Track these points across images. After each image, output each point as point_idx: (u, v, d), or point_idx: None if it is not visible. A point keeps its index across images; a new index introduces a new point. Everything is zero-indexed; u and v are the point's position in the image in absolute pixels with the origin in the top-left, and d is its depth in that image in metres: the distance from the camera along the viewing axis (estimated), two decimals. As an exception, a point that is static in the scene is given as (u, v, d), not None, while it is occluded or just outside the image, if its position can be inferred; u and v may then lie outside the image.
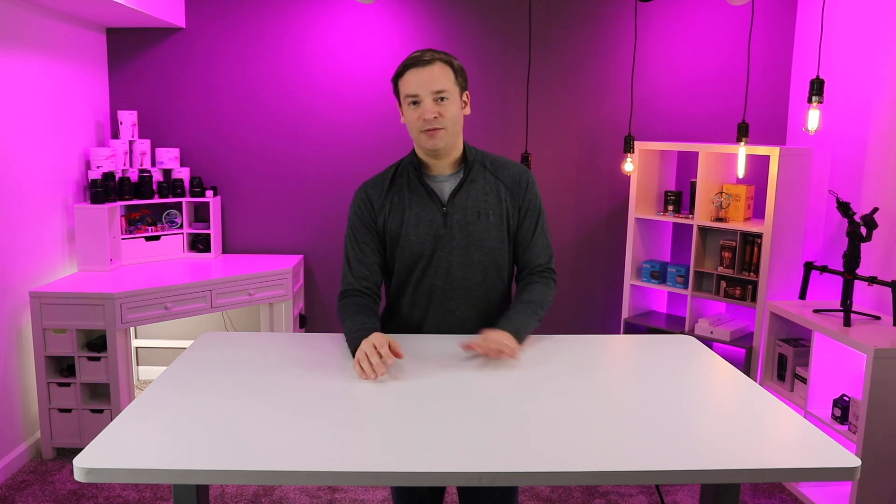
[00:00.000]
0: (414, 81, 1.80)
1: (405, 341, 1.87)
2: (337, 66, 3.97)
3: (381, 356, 1.64)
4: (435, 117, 1.79)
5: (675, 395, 1.56)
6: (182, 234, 3.95)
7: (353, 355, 1.75)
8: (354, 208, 1.95)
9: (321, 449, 1.27)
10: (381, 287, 1.97)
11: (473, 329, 1.90)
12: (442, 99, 1.80)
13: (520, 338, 1.78)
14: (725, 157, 3.69)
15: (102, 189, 3.54)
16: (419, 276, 1.90)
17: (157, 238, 3.86)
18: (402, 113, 1.87)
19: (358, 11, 3.93)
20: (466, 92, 1.89)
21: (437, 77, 1.79)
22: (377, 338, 1.70)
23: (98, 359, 3.24)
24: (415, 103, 1.81)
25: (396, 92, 1.87)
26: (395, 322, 1.98)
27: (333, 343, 1.90)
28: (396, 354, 1.68)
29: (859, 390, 2.88)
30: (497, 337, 1.73)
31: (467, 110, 1.90)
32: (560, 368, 1.71)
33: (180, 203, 3.91)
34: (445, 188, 1.90)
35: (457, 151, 1.90)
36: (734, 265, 3.54)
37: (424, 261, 1.88)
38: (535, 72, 3.94)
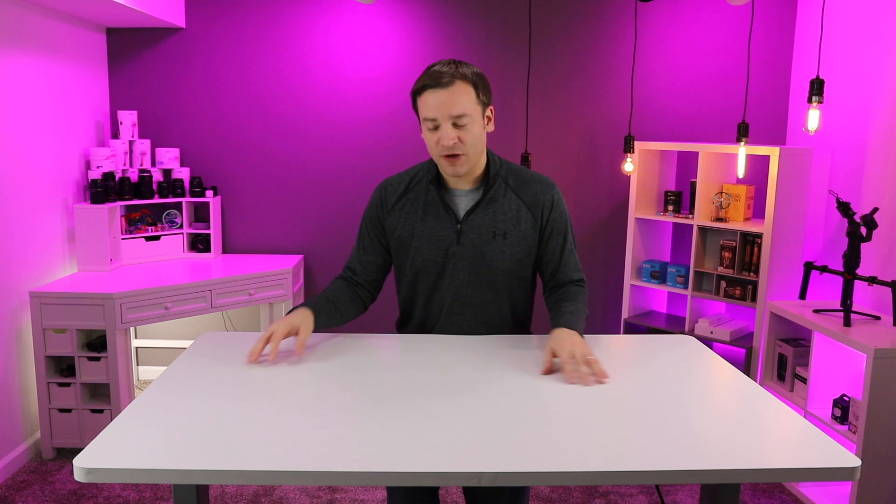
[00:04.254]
0: (433, 104, 1.70)
1: (405, 340, 1.88)
2: (337, 66, 3.97)
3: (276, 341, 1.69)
4: (454, 143, 1.72)
5: (675, 394, 1.56)
6: (182, 234, 3.95)
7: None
8: (369, 206, 1.95)
9: (321, 449, 1.27)
10: (375, 283, 1.97)
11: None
12: (462, 124, 1.72)
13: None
14: (725, 157, 3.69)
15: (102, 189, 3.54)
16: (430, 289, 1.88)
17: (157, 238, 3.86)
18: (421, 129, 1.79)
19: (358, 11, 3.93)
20: (490, 108, 1.80)
21: (458, 100, 1.69)
22: (287, 319, 1.74)
23: (98, 359, 3.24)
24: (434, 128, 1.73)
25: (415, 107, 1.78)
26: (410, 327, 1.99)
27: (333, 343, 1.90)
28: (298, 347, 1.72)
29: (859, 390, 2.88)
30: (576, 349, 1.63)
31: (490, 126, 1.81)
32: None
33: (180, 203, 3.91)
34: (462, 204, 1.85)
35: (479, 168, 1.84)
36: (734, 265, 3.54)
37: (435, 276, 1.86)
38: (535, 72, 3.94)
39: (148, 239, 3.83)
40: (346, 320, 1.93)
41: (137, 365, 4.24)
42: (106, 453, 1.24)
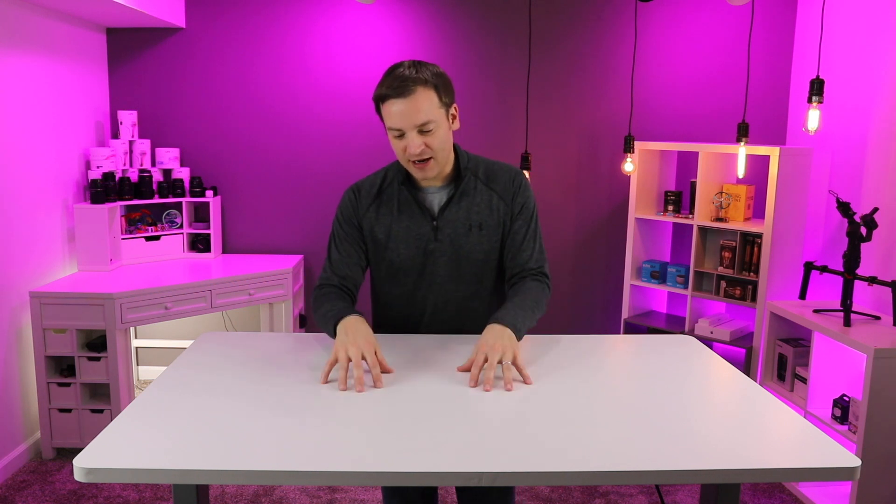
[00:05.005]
0: (396, 114, 1.68)
1: (404, 340, 1.87)
2: (337, 66, 3.97)
3: (366, 362, 1.57)
4: (422, 150, 1.71)
5: (675, 395, 1.56)
6: (182, 234, 3.95)
7: (333, 332, 1.69)
8: (341, 207, 1.91)
9: (321, 449, 1.27)
10: (358, 287, 1.91)
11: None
12: (428, 130, 1.71)
13: (519, 334, 1.68)
14: (725, 157, 3.69)
15: (102, 189, 3.54)
16: (411, 288, 1.88)
17: (157, 238, 3.86)
18: (387, 134, 1.77)
19: (358, 11, 3.93)
20: (454, 106, 1.79)
21: (421, 108, 1.67)
22: (364, 338, 1.61)
23: (98, 359, 3.24)
24: (399, 135, 1.72)
25: (378, 112, 1.76)
26: (388, 329, 1.96)
27: (333, 343, 1.90)
28: (385, 369, 1.62)
29: (859, 390, 2.88)
30: (493, 353, 1.59)
31: (456, 124, 1.81)
32: (560, 368, 1.71)
33: (180, 203, 3.91)
34: (436, 201, 1.85)
35: (448, 165, 1.83)
36: (734, 265, 3.54)
37: (415, 274, 1.86)
38: (535, 72, 3.94)
39: (148, 239, 3.83)
40: None
41: (137, 365, 4.24)
42: (106, 453, 1.24)
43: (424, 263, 1.85)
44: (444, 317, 1.89)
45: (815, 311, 3.04)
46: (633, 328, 3.91)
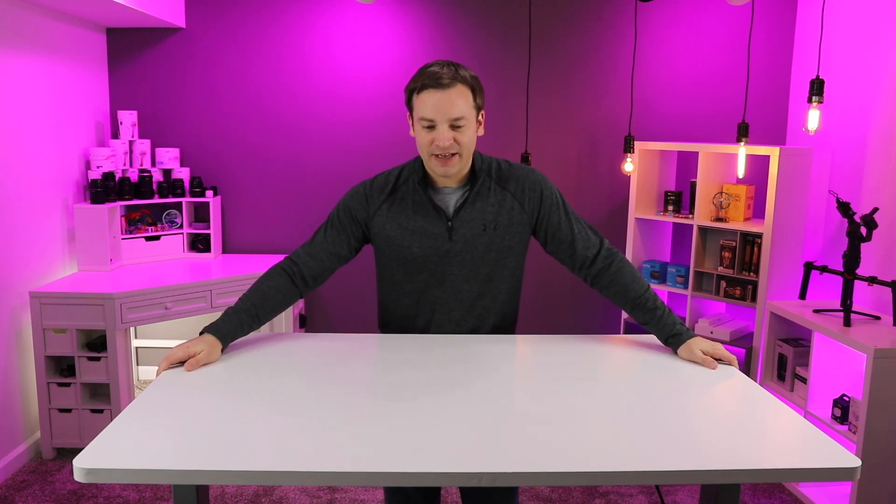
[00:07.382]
0: (431, 105, 1.71)
1: (405, 340, 1.88)
2: (337, 66, 3.98)
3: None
4: (450, 144, 1.73)
5: (675, 395, 1.56)
6: (182, 234, 3.95)
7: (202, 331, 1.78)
8: (348, 198, 1.91)
9: (321, 449, 1.27)
10: (325, 273, 1.93)
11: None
12: (459, 126, 1.73)
13: (690, 332, 1.84)
14: (725, 157, 3.69)
15: (102, 189, 3.54)
16: (422, 287, 1.88)
17: (157, 238, 3.86)
18: (413, 128, 1.80)
19: (358, 11, 3.93)
20: (482, 112, 1.82)
21: (457, 103, 1.71)
22: (190, 348, 1.69)
23: (98, 359, 3.24)
24: (429, 127, 1.74)
25: (409, 104, 1.79)
26: (396, 326, 1.97)
27: (333, 343, 1.90)
28: (188, 367, 1.68)
29: (859, 390, 2.88)
30: (713, 352, 1.78)
31: (481, 131, 1.83)
32: (560, 368, 1.71)
33: (180, 203, 3.91)
34: (451, 201, 1.86)
35: (466, 167, 1.84)
36: (734, 265, 3.54)
37: (428, 273, 1.86)
38: (535, 72, 3.94)
39: (148, 239, 3.83)
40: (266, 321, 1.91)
41: (137, 365, 4.24)
42: (106, 453, 1.24)
43: (437, 263, 1.85)
44: (455, 316, 1.89)
45: (815, 311, 3.04)
46: (633, 328, 3.91)
